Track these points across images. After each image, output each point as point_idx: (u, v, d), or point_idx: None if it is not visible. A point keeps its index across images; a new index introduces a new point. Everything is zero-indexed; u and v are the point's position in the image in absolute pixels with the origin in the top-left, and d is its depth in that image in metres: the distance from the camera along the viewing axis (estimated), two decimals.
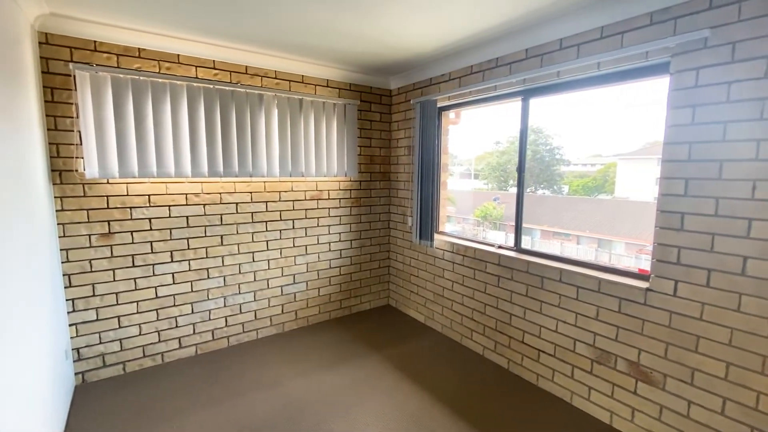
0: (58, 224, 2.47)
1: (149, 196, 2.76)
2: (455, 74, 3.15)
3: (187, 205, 2.91)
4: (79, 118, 2.44)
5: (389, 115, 3.93)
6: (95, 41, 2.48)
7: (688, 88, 1.86)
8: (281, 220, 3.38)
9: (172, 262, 2.89)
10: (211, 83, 2.82)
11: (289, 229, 3.43)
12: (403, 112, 3.76)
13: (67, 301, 2.55)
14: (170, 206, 2.85)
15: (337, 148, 3.54)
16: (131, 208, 2.70)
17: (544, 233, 12.88)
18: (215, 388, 2.63)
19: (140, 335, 2.83)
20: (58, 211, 2.47)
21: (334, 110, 3.48)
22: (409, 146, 3.71)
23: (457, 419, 2.33)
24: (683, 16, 1.86)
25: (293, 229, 3.46)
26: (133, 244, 2.73)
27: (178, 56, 2.75)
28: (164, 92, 2.67)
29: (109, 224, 2.63)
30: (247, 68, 3.04)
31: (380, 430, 2.24)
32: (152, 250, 2.80)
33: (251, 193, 3.19)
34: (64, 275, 2.52)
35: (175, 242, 2.89)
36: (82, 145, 2.46)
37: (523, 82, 2.64)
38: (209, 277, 3.06)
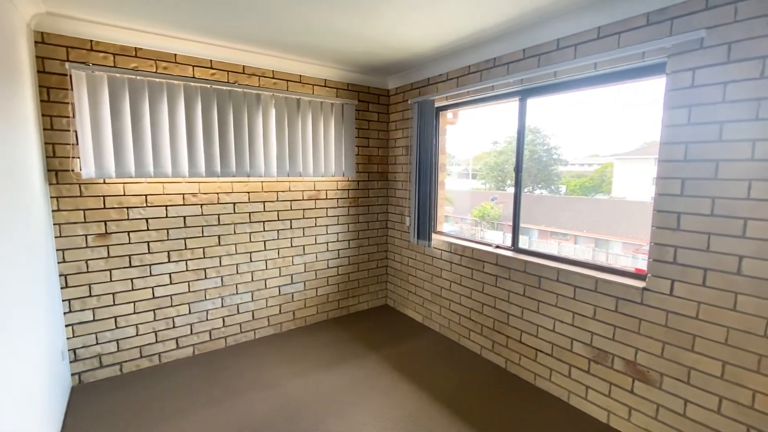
0: (54, 224, 2.46)
1: (146, 196, 2.75)
2: (453, 74, 3.15)
3: (184, 205, 2.90)
4: (75, 117, 2.43)
5: (387, 115, 3.93)
6: (92, 40, 2.47)
7: (684, 88, 1.87)
8: (279, 220, 3.37)
9: (169, 262, 2.88)
10: (208, 83, 2.82)
11: (286, 229, 3.43)
12: (400, 112, 3.76)
13: (63, 301, 2.54)
14: (167, 206, 2.84)
15: (334, 147, 3.53)
16: (128, 208, 2.69)
17: (541, 233, 12.91)
18: (213, 388, 2.63)
19: (137, 336, 2.82)
20: (54, 211, 2.46)
21: (331, 110, 3.48)
22: (406, 146, 3.71)
23: (454, 419, 2.34)
24: (680, 16, 1.86)
25: (291, 229, 3.45)
26: (129, 244, 2.72)
27: (175, 56, 2.74)
28: (161, 92, 2.66)
29: (105, 224, 2.62)
30: (244, 68, 3.03)
31: (378, 429, 2.24)
32: (149, 250, 2.79)
33: (249, 193, 3.19)
34: (60, 275, 2.51)
35: (172, 242, 2.88)
36: (78, 144, 2.45)
37: (520, 82, 2.64)
38: (206, 277, 3.06)
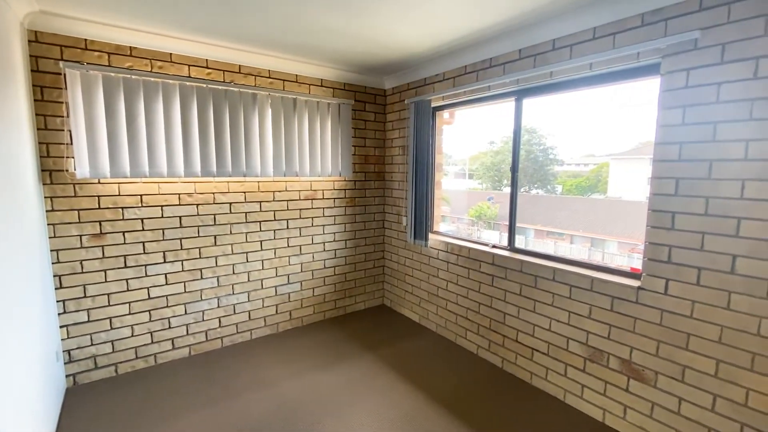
0: (48, 225, 2.44)
1: (141, 196, 2.73)
2: (449, 74, 3.16)
3: (179, 205, 2.88)
4: (69, 117, 2.41)
5: (384, 114, 3.93)
6: (86, 39, 2.45)
7: (678, 88, 1.89)
8: (275, 220, 3.36)
9: (164, 262, 2.86)
10: (204, 82, 2.80)
11: (283, 229, 3.42)
12: (397, 111, 3.77)
13: (57, 302, 2.52)
14: (163, 206, 2.82)
15: (331, 147, 3.53)
16: (123, 208, 2.68)
17: (537, 233, 12.94)
18: (209, 389, 2.61)
19: (132, 336, 2.80)
20: (48, 211, 2.44)
21: (328, 110, 3.47)
22: (403, 146, 3.71)
23: (451, 418, 2.34)
24: (674, 17, 1.88)
25: (287, 229, 3.45)
26: (125, 244, 2.70)
27: (170, 55, 2.72)
28: (156, 91, 2.65)
29: (100, 224, 2.61)
30: (240, 67, 3.02)
31: (375, 429, 2.24)
32: (144, 250, 2.78)
33: (245, 192, 3.18)
34: (54, 276, 2.49)
35: (167, 242, 2.86)
36: (72, 144, 2.43)
37: (516, 82, 2.65)
38: (202, 277, 3.04)
